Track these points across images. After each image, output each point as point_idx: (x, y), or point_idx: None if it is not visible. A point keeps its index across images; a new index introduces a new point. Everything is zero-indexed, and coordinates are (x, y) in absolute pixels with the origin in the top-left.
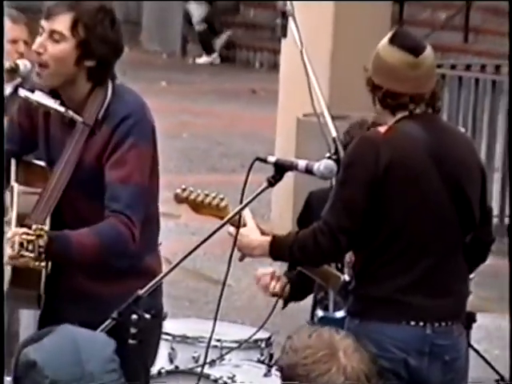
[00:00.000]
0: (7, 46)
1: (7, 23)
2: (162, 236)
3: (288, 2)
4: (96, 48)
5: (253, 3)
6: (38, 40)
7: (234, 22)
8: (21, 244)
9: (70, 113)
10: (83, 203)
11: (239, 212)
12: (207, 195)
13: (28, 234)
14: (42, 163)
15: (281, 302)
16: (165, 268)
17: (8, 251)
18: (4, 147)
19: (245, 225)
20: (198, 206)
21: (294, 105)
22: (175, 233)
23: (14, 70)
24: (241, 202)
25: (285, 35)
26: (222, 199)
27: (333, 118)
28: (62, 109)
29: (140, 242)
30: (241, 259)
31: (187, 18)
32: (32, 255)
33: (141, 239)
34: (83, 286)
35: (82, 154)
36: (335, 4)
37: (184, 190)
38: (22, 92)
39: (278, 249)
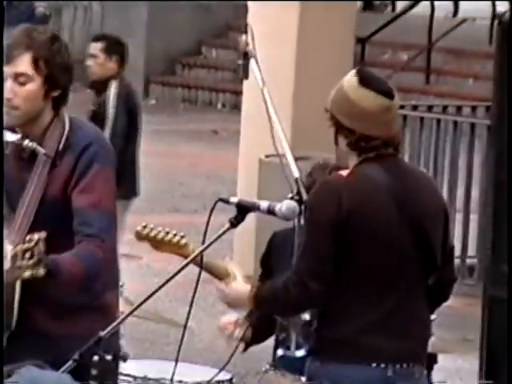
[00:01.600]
0: None
1: None
2: (124, 277)
3: (250, 43)
4: (61, 78)
5: (214, 44)
6: (6, 86)
7: (196, 64)
8: (13, 257)
9: (34, 144)
10: (49, 237)
11: (201, 253)
12: (168, 233)
13: (24, 242)
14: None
15: (242, 345)
16: (126, 309)
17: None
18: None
19: (234, 278)
20: (158, 244)
21: (256, 146)
22: (137, 274)
23: None
24: (203, 243)
25: (246, 77)
26: (182, 237)
27: (295, 158)
28: (26, 141)
29: (105, 276)
30: None
31: None
32: (31, 262)
33: (107, 273)
34: (42, 324)
35: (45, 187)
36: (298, 44)
37: (144, 227)
38: None
39: (256, 302)
